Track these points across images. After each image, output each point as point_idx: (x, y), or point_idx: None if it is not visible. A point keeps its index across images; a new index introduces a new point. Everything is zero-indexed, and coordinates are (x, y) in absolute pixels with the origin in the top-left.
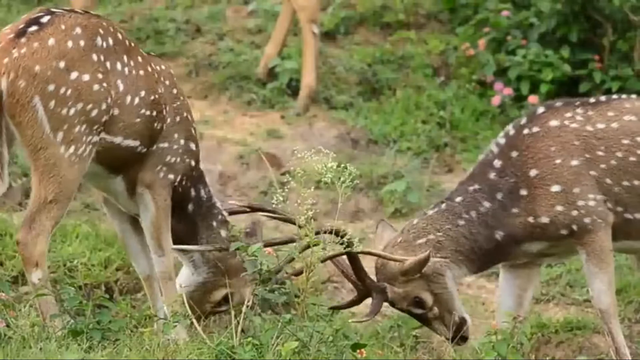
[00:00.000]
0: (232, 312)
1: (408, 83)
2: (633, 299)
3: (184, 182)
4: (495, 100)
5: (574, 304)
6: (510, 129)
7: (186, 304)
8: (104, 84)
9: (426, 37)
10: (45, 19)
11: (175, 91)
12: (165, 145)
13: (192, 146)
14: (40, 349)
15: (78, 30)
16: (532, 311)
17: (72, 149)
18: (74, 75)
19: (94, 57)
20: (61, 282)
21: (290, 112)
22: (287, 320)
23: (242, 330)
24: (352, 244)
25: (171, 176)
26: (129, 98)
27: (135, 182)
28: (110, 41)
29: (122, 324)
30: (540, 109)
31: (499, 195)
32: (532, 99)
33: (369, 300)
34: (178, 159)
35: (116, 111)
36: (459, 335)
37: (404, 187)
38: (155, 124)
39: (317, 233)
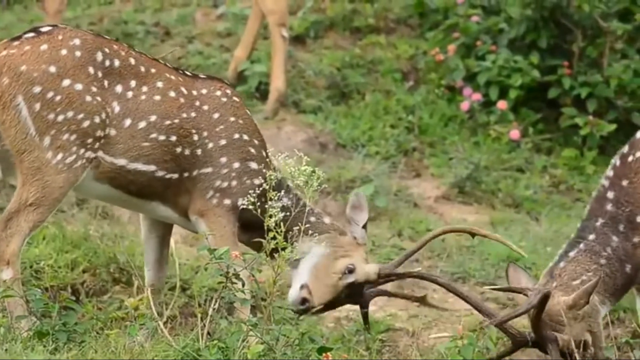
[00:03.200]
0: (199, 315)
1: (377, 87)
2: None
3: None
4: (464, 106)
5: None
6: (615, 160)
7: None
8: (98, 98)
9: (396, 42)
10: (45, 29)
11: (217, 115)
12: (209, 170)
13: (253, 165)
14: (6, 350)
15: (76, 41)
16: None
17: (59, 157)
18: (66, 82)
19: (90, 70)
20: (27, 284)
21: (259, 116)
22: (254, 323)
23: (208, 333)
24: None
25: (227, 201)
26: (128, 121)
27: (185, 208)
28: (116, 62)
29: (88, 326)
30: (639, 134)
31: (621, 227)
32: (501, 104)
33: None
34: (234, 183)
35: (112, 132)
36: None
37: (371, 191)
38: (179, 149)
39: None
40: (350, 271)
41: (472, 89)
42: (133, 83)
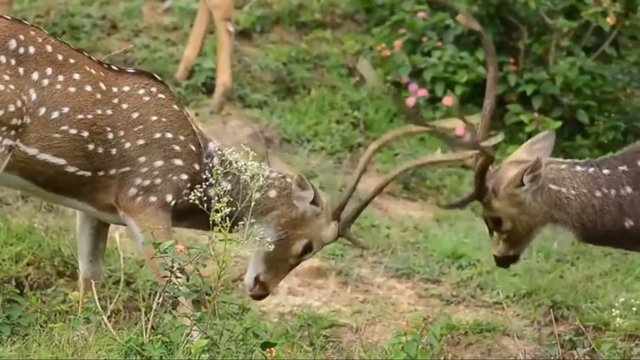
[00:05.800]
0: (143, 309)
1: (323, 83)
2: (543, 302)
3: (186, 195)
4: (410, 102)
5: (483, 306)
6: None
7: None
8: (11, 86)
9: (342, 37)
10: None
11: (136, 115)
12: (127, 169)
13: (178, 162)
14: None
15: None
16: (442, 313)
17: None
18: None
19: (2, 59)
20: None
21: (205, 110)
22: (198, 317)
23: (152, 327)
24: None
25: (153, 199)
26: (43, 110)
27: (106, 205)
28: (31, 49)
29: (32, 319)
30: None
31: None
32: (447, 100)
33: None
34: (158, 180)
35: (28, 120)
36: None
37: (317, 186)
38: (92, 147)
39: None
40: (309, 249)
41: (417, 85)
42: (49, 71)
